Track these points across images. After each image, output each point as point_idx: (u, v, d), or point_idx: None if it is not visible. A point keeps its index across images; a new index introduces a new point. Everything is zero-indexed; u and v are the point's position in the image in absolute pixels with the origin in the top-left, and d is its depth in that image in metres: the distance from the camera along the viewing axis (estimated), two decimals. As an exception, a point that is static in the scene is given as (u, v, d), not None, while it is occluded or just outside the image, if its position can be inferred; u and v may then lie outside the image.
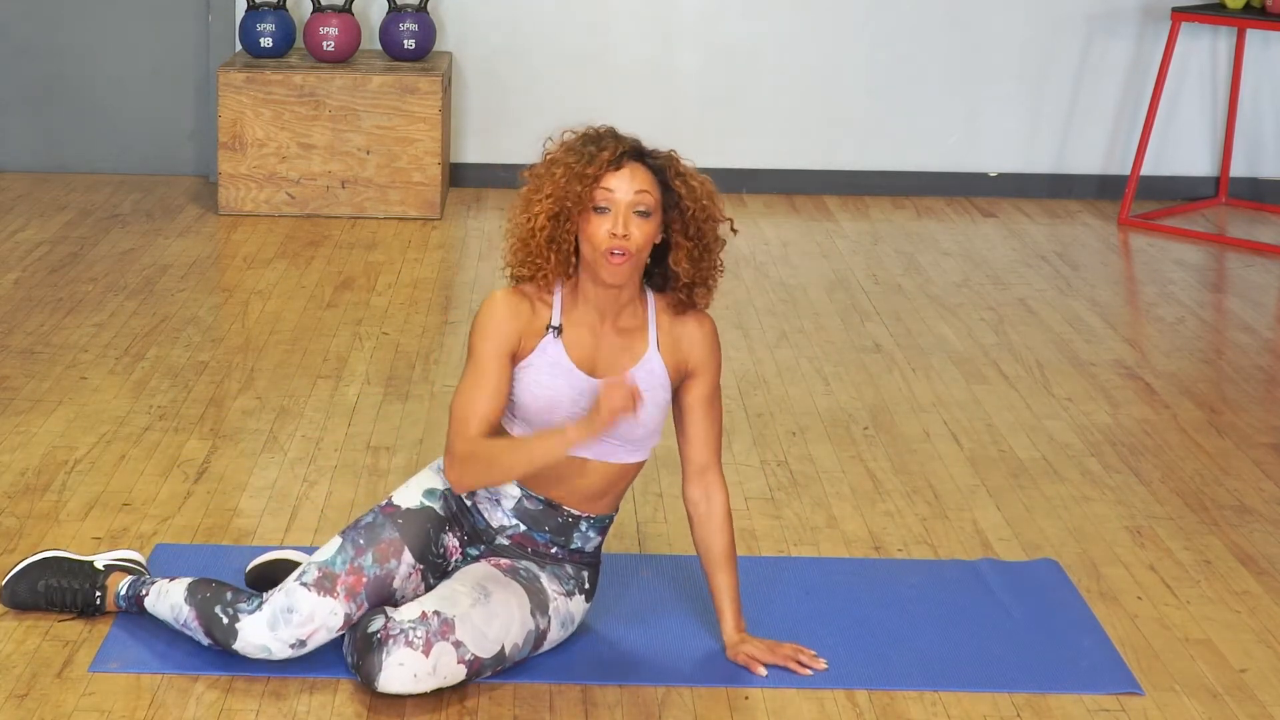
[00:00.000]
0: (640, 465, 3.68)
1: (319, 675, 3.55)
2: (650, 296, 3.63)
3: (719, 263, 3.62)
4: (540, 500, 3.64)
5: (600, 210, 3.50)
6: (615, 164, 3.51)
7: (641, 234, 3.50)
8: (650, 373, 3.59)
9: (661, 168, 3.55)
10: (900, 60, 7.77)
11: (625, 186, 3.50)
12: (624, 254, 3.48)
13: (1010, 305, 6.30)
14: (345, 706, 3.46)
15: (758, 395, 5.28)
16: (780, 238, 7.13)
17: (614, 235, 3.47)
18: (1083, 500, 4.60)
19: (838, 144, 7.83)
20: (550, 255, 3.54)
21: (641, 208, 3.50)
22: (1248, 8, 7.38)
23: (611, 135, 3.56)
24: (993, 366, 5.63)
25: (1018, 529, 4.40)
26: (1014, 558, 4.24)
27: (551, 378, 3.55)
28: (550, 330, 3.57)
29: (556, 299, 3.59)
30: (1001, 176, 7.89)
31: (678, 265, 3.57)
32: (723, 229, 3.61)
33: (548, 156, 3.57)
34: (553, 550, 3.67)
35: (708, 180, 3.59)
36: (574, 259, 3.55)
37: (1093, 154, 7.89)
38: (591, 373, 3.57)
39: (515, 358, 3.58)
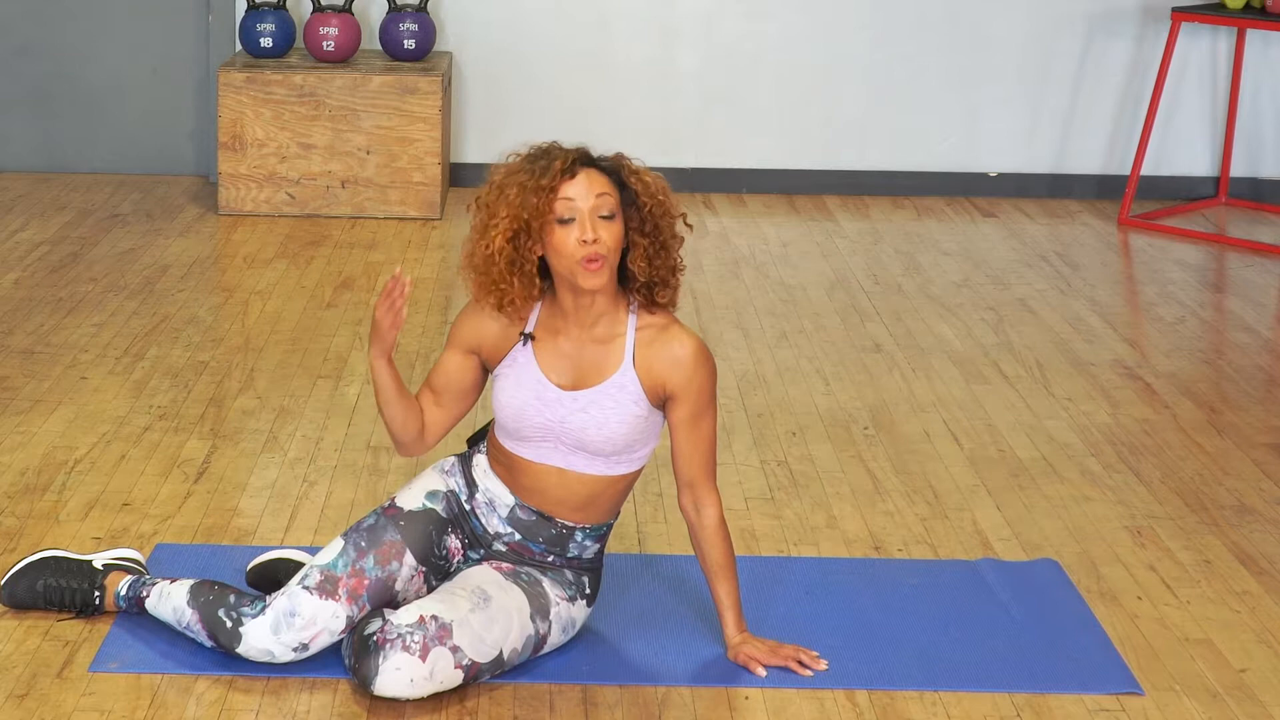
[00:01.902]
0: (633, 476, 3.66)
1: (319, 675, 3.55)
2: (634, 309, 3.59)
3: (678, 261, 3.58)
4: (533, 511, 3.63)
5: (564, 221, 3.47)
6: (569, 172, 3.48)
7: (610, 236, 3.48)
8: (621, 388, 3.57)
9: (614, 168, 3.52)
10: (900, 60, 7.77)
11: (585, 192, 3.47)
12: (598, 260, 3.46)
13: (1010, 305, 6.30)
14: (345, 706, 3.46)
15: (758, 395, 5.28)
16: (780, 238, 7.13)
17: (584, 242, 3.45)
18: (1083, 500, 4.60)
19: (838, 144, 7.83)
20: (513, 279, 3.51)
21: (604, 211, 3.48)
22: (1248, 8, 7.38)
23: (558, 147, 3.53)
24: (993, 366, 5.63)
25: (1018, 529, 4.40)
26: (1014, 558, 4.24)
27: (518, 386, 3.56)
28: (522, 338, 3.58)
29: (535, 308, 3.59)
30: (1001, 176, 7.89)
31: (634, 264, 3.54)
32: (679, 225, 3.59)
33: (495, 182, 3.53)
34: (549, 559, 3.67)
35: (660, 177, 3.57)
36: (538, 280, 3.54)
37: (1093, 154, 7.89)
38: (561, 384, 3.57)
39: (485, 359, 3.63)
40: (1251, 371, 5.68)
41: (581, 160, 3.50)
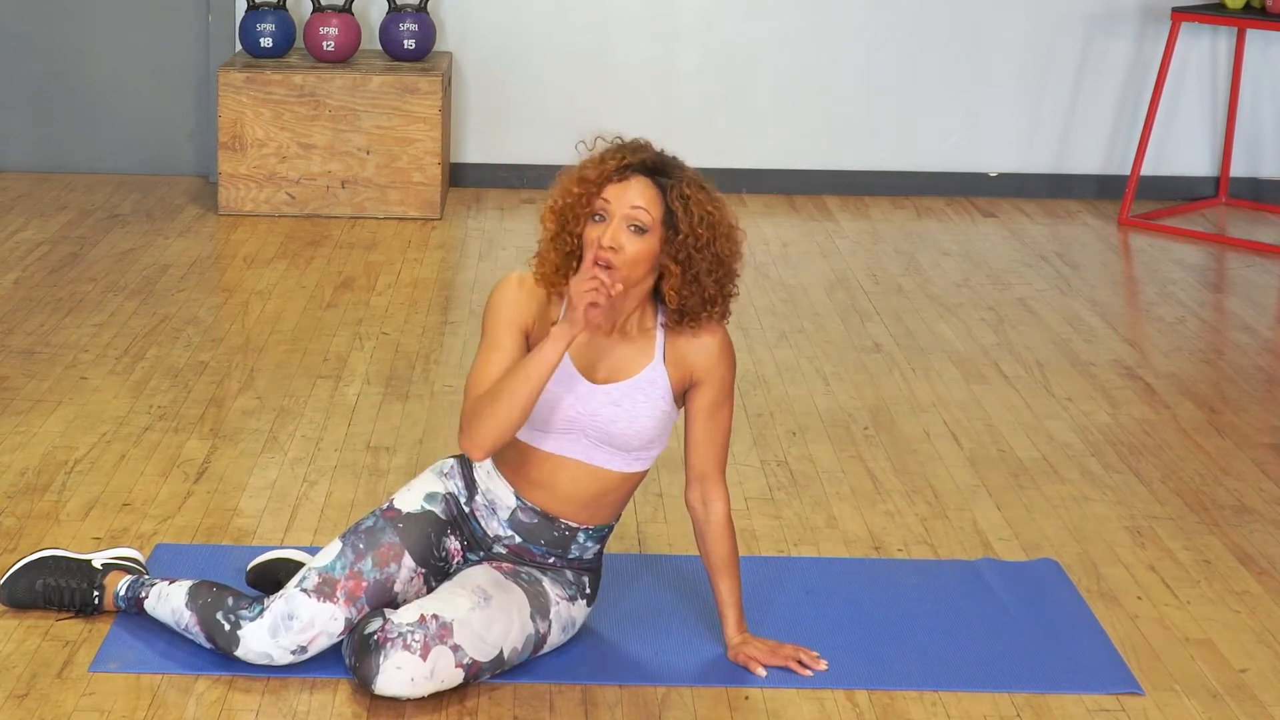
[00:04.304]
0: (640, 477, 3.66)
1: (319, 675, 3.55)
2: (663, 308, 3.60)
3: (720, 291, 3.53)
4: (536, 512, 3.62)
5: (598, 219, 3.47)
6: (619, 175, 3.46)
7: (633, 250, 3.45)
8: (652, 383, 3.57)
9: (669, 186, 3.48)
10: (900, 60, 7.77)
11: (622, 199, 3.45)
12: (609, 266, 3.44)
13: (1010, 305, 6.30)
14: (345, 706, 3.46)
15: (758, 395, 5.28)
16: (780, 238, 7.13)
17: (601, 246, 3.44)
18: (1083, 500, 4.60)
19: (838, 144, 7.83)
20: (552, 251, 3.53)
21: (636, 223, 3.45)
22: (1248, 8, 7.38)
23: (632, 148, 3.50)
24: (993, 366, 5.63)
25: (1018, 529, 4.40)
26: (1014, 558, 4.24)
27: (552, 380, 3.54)
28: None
29: (567, 301, 3.57)
30: (1001, 176, 7.89)
31: (665, 289, 3.52)
32: (739, 261, 3.53)
33: (581, 159, 3.54)
34: (550, 560, 3.67)
35: (718, 208, 3.50)
36: (575, 263, 3.53)
37: (1093, 154, 7.89)
38: (593, 377, 3.56)
39: (529, 337, 3.55)
40: (1251, 371, 5.68)
41: (639, 168, 3.47)
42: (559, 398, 3.54)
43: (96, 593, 3.74)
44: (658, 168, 3.49)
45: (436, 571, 3.63)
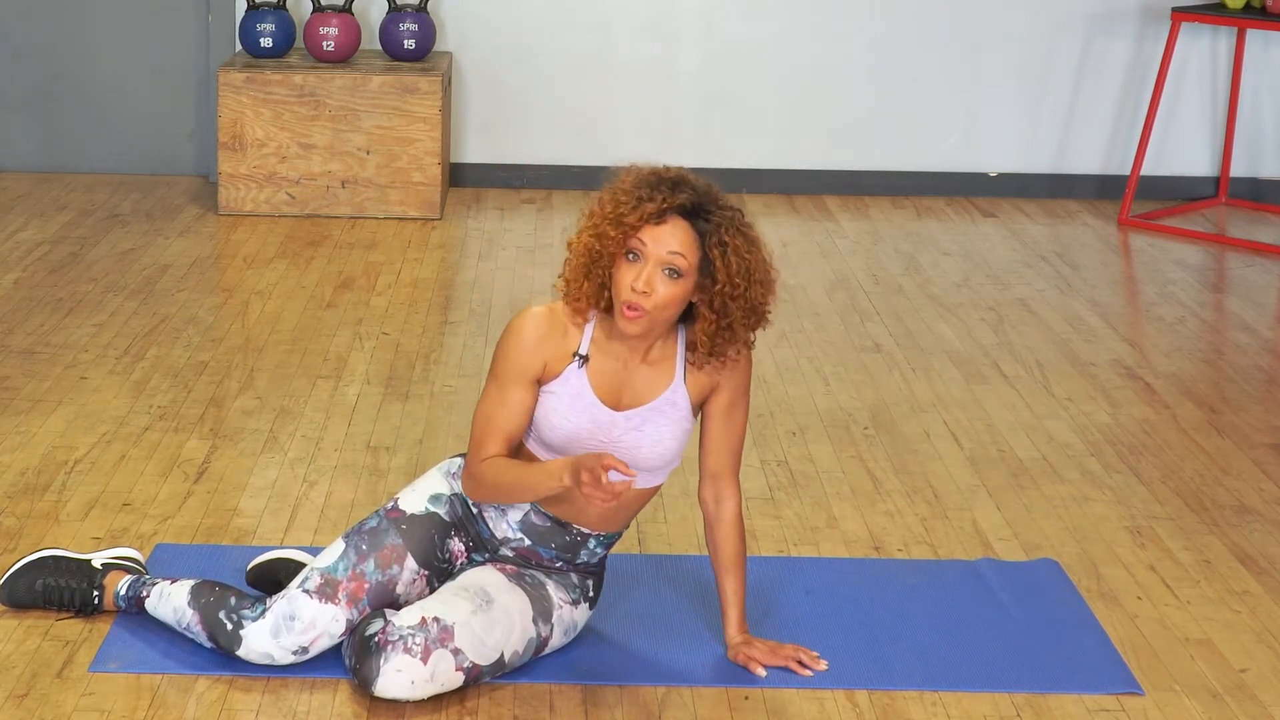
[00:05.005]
0: (657, 488, 3.67)
1: (319, 675, 3.55)
2: (683, 328, 3.56)
3: (749, 337, 3.53)
4: (549, 518, 3.61)
5: (631, 258, 3.42)
6: (658, 218, 3.40)
7: (666, 293, 3.41)
8: (673, 405, 3.56)
9: (708, 232, 3.43)
10: (900, 60, 7.77)
11: (659, 243, 3.40)
12: (638, 311, 3.41)
13: (1010, 305, 6.30)
14: (345, 706, 3.46)
15: (758, 395, 5.28)
16: (780, 238, 7.13)
17: (633, 289, 3.41)
18: (1083, 500, 4.60)
19: (838, 144, 7.83)
20: (584, 282, 3.48)
21: (672, 268, 3.41)
22: (1248, 8, 7.38)
23: (671, 185, 3.43)
24: (993, 366, 5.63)
25: (1018, 529, 4.40)
26: (1014, 558, 4.24)
27: (573, 411, 3.51)
28: (576, 358, 3.53)
29: (589, 326, 3.53)
30: (1001, 176, 7.89)
31: (698, 332, 3.49)
32: (772, 303, 3.50)
33: (613, 186, 3.47)
34: (558, 564, 3.66)
35: (755, 253, 3.45)
36: (605, 293, 3.49)
37: (1093, 154, 7.89)
38: (616, 405, 3.54)
39: (541, 380, 3.53)
40: (1251, 371, 5.68)
41: (679, 210, 3.41)
42: (581, 428, 3.51)
43: (96, 593, 3.74)
44: (697, 209, 3.43)
45: (439, 573, 3.63)
